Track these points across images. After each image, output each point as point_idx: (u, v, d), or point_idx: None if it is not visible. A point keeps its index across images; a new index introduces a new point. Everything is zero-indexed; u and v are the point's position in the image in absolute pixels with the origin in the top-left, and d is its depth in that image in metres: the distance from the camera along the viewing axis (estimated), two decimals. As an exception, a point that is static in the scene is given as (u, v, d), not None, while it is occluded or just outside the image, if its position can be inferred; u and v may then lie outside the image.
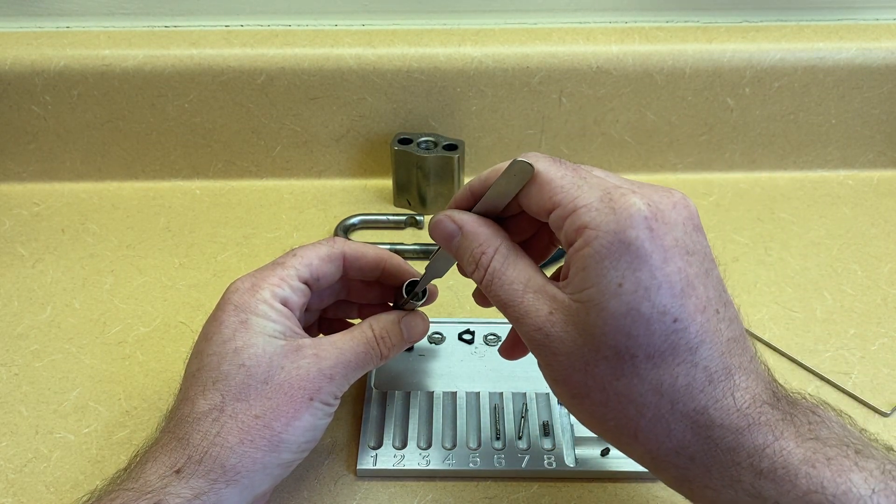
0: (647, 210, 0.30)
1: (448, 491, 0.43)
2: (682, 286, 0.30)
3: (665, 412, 0.30)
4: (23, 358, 0.51)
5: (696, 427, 0.30)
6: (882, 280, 0.58)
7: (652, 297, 0.29)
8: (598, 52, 0.64)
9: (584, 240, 0.30)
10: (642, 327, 0.29)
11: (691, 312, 0.29)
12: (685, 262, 0.30)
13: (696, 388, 0.30)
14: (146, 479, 0.34)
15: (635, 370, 0.30)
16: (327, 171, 0.70)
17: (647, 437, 0.31)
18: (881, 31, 0.67)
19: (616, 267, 0.29)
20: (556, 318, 0.31)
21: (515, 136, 0.68)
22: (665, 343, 0.29)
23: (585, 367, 0.31)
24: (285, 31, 0.66)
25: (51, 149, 0.67)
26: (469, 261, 0.35)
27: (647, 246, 0.29)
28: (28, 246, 0.61)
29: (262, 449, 0.35)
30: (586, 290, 0.30)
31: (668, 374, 0.30)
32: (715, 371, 0.30)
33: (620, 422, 0.31)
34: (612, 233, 0.30)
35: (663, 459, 0.31)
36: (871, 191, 0.69)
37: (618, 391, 0.30)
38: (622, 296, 0.29)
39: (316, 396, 0.36)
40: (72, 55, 0.63)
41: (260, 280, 0.39)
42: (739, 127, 0.68)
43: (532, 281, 0.33)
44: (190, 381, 0.37)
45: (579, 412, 0.33)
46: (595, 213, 0.30)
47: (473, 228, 0.35)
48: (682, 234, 0.30)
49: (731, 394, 0.30)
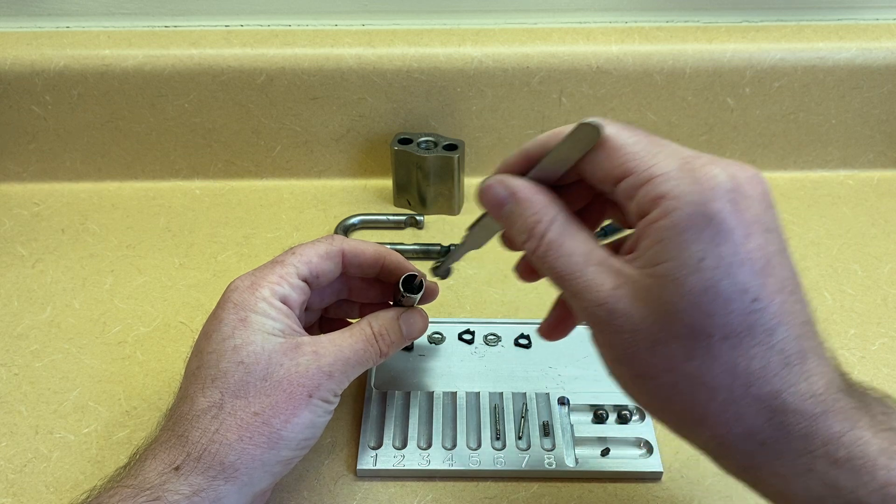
0: (729, 182, 0.28)
1: (448, 491, 0.43)
2: (763, 264, 0.28)
3: (738, 395, 0.28)
4: (23, 358, 0.51)
5: (768, 412, 0.28)
6: (882, 280, 0.58)
7: (733, 275, 0.27)
8: (598, 52, 0.64)
9: (661, 210, 0.28)
10: (721, 306, 0.28)
11: (771, 292, 0.28)
12: (765, 240, 0.28)
13: (771, 372, 0.28)
14: (145, 475, 0.34)
15: (709, 350, 0.28)
16: (327, 171, 0.70)
17: (715, 422, 0.29)
18: (881, 31, 0.67)
19: (698, 241, 0.28)
20: (623, 293, 0.29)
21: (515, 136, 0.68)
22: (743, 323, 0.28)
23: (654, 347, 0.29)
24: (285, 31, 0.66)
25: (51, 149, 0.67)
26: (521, 229, 0.32)
27: (730, 220, 0.28)
28: (28, 246, 0.61)
29: (260, 446, 0.35)
30: (662, 263, 0.28)
31: (743, 355, 0.28)
32: (790, 354, 0.28)
33: (687, 405, 0.30)
34: (695, 204, 0.28)
35: (730, 445, 0.30)
36: (871, 191, 0.69)
37: (688, 373, 0.29)
38: (703, 272, 0.27)
39: (315, 394, 0.36)
40: (72, 55, 0.63)
41: (259, 278, 0.39)
42: (739, 127, 0.68)
43: (594, 253, 0.31)
44: (190, 379, 0.37)
45: (641, 394, 0.31)
46: (675, 182, 0.28)
47: (528, 195, 0.33)
48: (760, 209, 0.29)
49: (805, 379, 0.28)
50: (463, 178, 0.65)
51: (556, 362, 0.50)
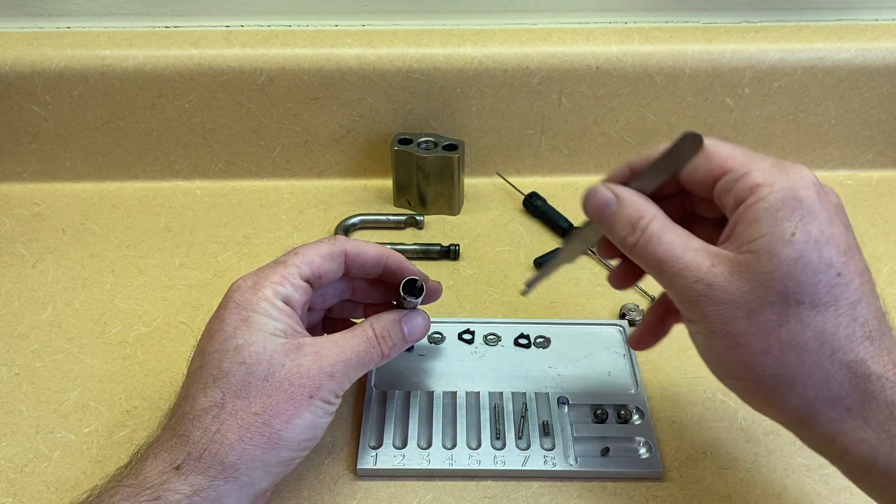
0: (813, 178, 0.33)
1: (448, 491, 0.43)
2: (845, 247, 0.32)
3: (825, 360, 0.31)
4: (23, 358, 0.51)
5: (854, 377, 0.31)
6: (882, 280, 0.58)
7: (821, 249, 0.31)
8: (598, 53, 0.65)
9: (757, 195, 0.32)
10: (810, 275, 0.31)
11: (852, 272, 0.32)
12: (845, 229, 0.33)
13: (856, 340, 0.31)
14: (146, 475, 0.34)
15: (799, 316, 0.31)
16: (327, 171, 0.70)
17: (804, 385, 0.32)
18: (881, 31, 0.67)
19: (790, 218, 0.32)
20: (720, 270, 0.33)
21: (515, 136, 0.68)
22: (829, 294, 0.31)
23: (749, 315, 0.32)
24: (285, 31, 0.66)
25: (51, 149, 0.67)
26: (625, 225, 0.36)
27: (817, 205, 0.32)
28: (28, 246, 0.61)
29: (261, 446, 0.35)
30: (758, 238, 0.32)
31: (831, 322, 0.31)
32: (871, 329, 0.32)
33: (779, 370, 0.32)
34: (787, 189, 0.32)
35: (818, 411, 0.32)
36: (871, 191, 0.69)
37: (780, 337, 0.32)
38: (794, 244, 0.31)
39: (316, 394, 0.36)
40: (72, 55, 0.63)
41: (262, 278, 0.39)
42: (739, 127, 0.68)
43: (691, 241, 0.35)
44: (191, 379, 0.37)
45: (735, 363, 0.34)
46: (769, 173, 0.33)
47: (631, 197, 0.36)
48: (837, 208, 0.33)
49: (887, 352, 0.32)
50: (463, 178, 0.65)
51: (556, 362, 0.50)
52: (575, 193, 0.68)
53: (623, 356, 0.50)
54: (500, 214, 0.66)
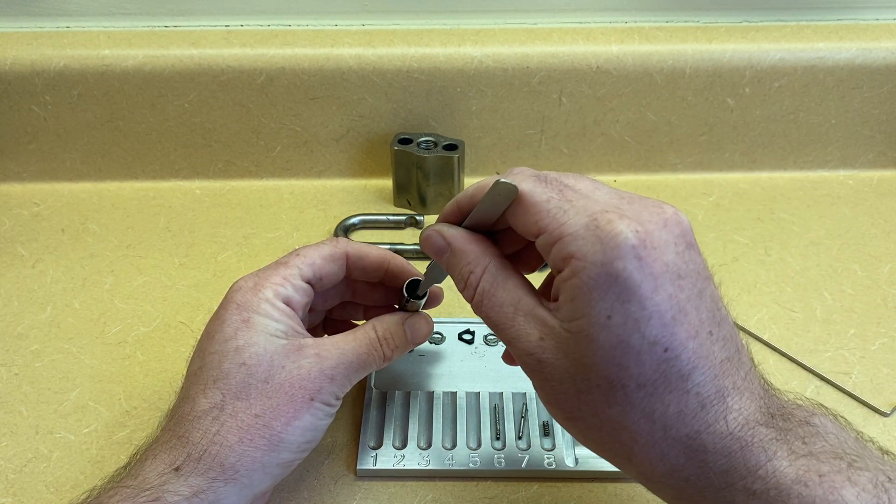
0: (634, 238, 0.29)
1: (448, 491, 0.43)
2: (673, 314, 0.29)
3: (658, 438, 0.30)
4: (23, 358, 0.51)
5: (689, 452, 0.30)
6: (882, 280, 0.58)
7: (642, 329, 0.29)
8: (598, 52, 0.64)
9: (571, 270, 0.30)
10: (632, 358, 0.29)
11: (682, 340, 0.29)
12: (676, 288, 0.29)
13: (688, 415, 0.30)
14: (145, 476, 0.34)
15: (627, 398, 0.30)
16: (327, 171, 0.70)
17: (640, 461, 0.31)
18: (881, 31, 0.67)
19: (604, 299, 0.29)
20: (547, 345, 0.31)
21: (515, 136, 0.68)
22: (656, 373, 0.29)
23: (578, 394, 0.31)
24: (285, 31, 0.66)
25: (51, 149, 0.67)
26: (459, 278, 0.35)
27: (636, 276, 0.29)
28: (28, 246, 0.61)
29: (261, 448, 0.35)
30: (576, 320, 0.30)
31: (659, 402, 0.29)
32: (707, 396, 0.30)
33: (614, 446, 0.31)
34: (600, 264, 0.29)
35: (658, 481, 0.31)
36: (871, 191, 0.69)
37: (610, 418, 0.30)
38: (611, 328, 0.29)
39: (317, 396, 0.36)
40: (72, 55, 0.63)
41: (263, 279, 0.39)
42: (739, 127, 0.68)
43: (522, 303, 0.33)
44: (191, 380, 0.37)
45: (575, 433, 0.33)
46: (581, 242, 0.29)
47: (462, 245, 0.35)
48: (672, 256, 0.29)
49: (723, 417, 0.30)
50: (463, 178, 0.65)
51: (556, 362, 0.50)
52: (575, 193, 0.68)
53: (623, 356, 0.50)
54: (500, 214, 0.66)
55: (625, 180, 0.70)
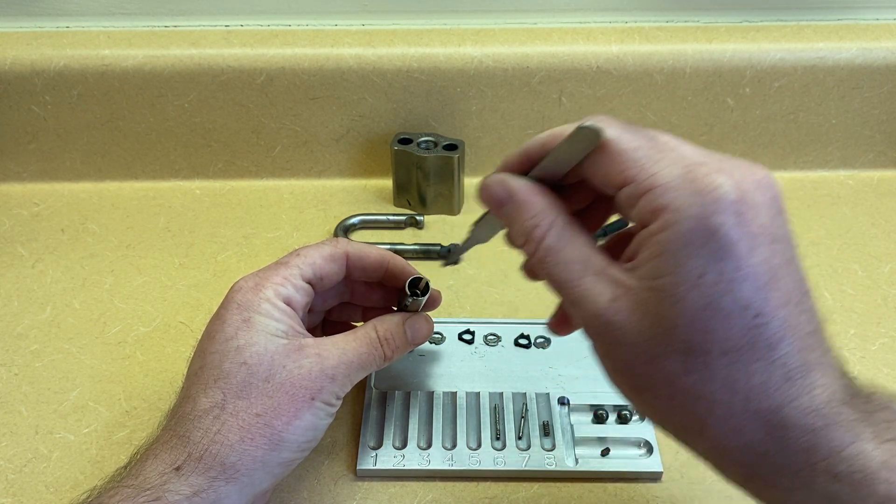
0: (734, 193, 0.27)
1: (448, 491, 0.43)
2: (767, 278, 0.27)
3: (737, 410, 0.28)
4: (23, 358, 0.51)
5: (769, 426, 0.28)
6: (882, 280, 0.58)
7: (735, 291, 0.27)
8: (598, 52, 0.64)
9: (662, 223, 0.27)
10: (721, 322, 0.27)
11: (774, 307, 0.27)
12: (771, 252, 0.28)
13: (771, 387, 0.28)
14: (146, 475, 0.34)
15: (707, 366, 0.28)
16: (327, 171, 0.70)
17: (714, 435, 0.29)
18: (881, 31, 0.67)
19: (698, 255, 0.27)
20: (621, 306, 0.29)
21: (515, 136, 0.68)
22: (743, 339, 0.27)
23: (652, 360, 0.28)
24: (285, 31, 0.66)
25: (51, 149, 0.67)
26: (520, 233, 0.32)
27: (734, 234, 0.27)
28: (28, 246, 0.61)
29: (262, 447, 0.35)
30: (661, 278, 0.28)
31: (743, 371, 0.27)
32: (793, 368, 0.28)
33: (686, 418, 0.29)
34: (696, 218, 0.27)
35: (730, 456, 0.29)
36: (871, 191, 0.69)
37: (686, 387, 0.28)
38: (703, 287, 0.27)
39: (317, 396, 0.36)
40: (72, 55, 0.63)
41: (263, 279, 0.39)
42: (739, 127, 0.68)
43: (591, 261, 0.30)
44: (192, 379, 0.37)
45: (641, 404, 0.31)
46: (676, 193, 0.27)
47: (526, 197, 0.32)
48: (767, 218, 0.28)
49: (808, 392, 0.28)
50: (463, 178, 0.65)
51: (556, 362, 0.50)
52: (575, 193, 0.68)
53: (623, 356, 0.50)
54: (500, 214, 0.66)
55: (625, 180, 0.70)
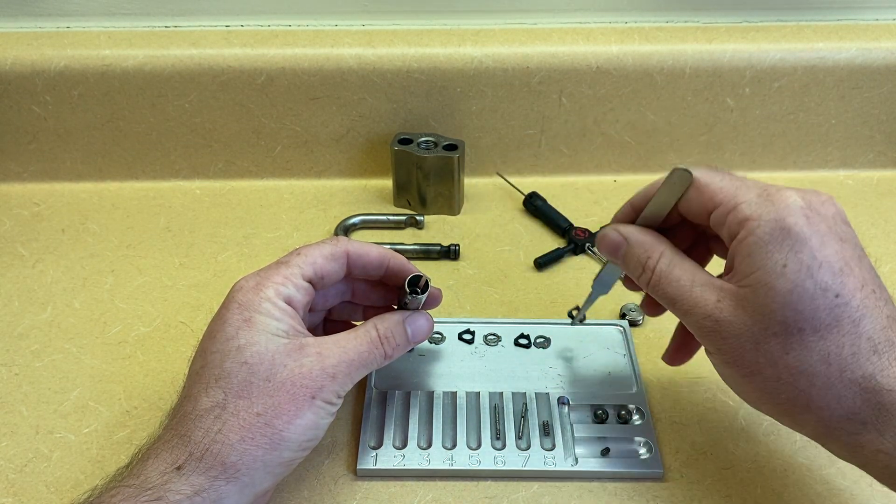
0: (801, 201, 0.34)
1: (448, 491, 0.43)
2: (841, 266, 0.33)
3: (834, 380, 0.33)
4: (23, 358, 0.51)
5: (865, 393, 0.32)
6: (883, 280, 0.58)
7: (814, 275, 0.32)
8: (598, 52, 0.64)
9: (747, 230, 0.34)
10: (807, 302, 0.32)
11: (851, 289, 0.33)
12: (840, 246, 0.33)
13: (862, 357, 0.32)
14: (147, 475, 0.34)
15: (803, 343, 0.33)
16: (327, 171, 0.70)
17: (819, 406, 0.33)
18: (881, 31, 0.67)
19: (779, 250, 0.33)
20: (725, 305, 0.35)
21: (515, 136, 0.68)
22: (829, 316, 0.32)
23: (756, 346, 0.34)
24: (285, 31, 0.66)
25: (51, 149, 0.67)
26: (636, 266, 0.39)
27: (806, 230, 0.33)
28: (28, 246, 0.61)
29: (262, 447, 0.35)
30: (753, 273, 0.33)
31: (834, 344, 0.33)
32: (879, 342, 0.33)
33: (792, 394, 0.34)
34: (773, 220, 0.33)
35: (835, 427, 0.34)
36: (871, 191, 0.69)
37: (788, 364, 0.33)
38: (787, 275, 0.32)
39: (318, 395, 0.36)
40: (72, 55, 0.63)
41: (264, 279, 0.39)
42: (739, 127, 0.68)
43: (697, 276, 0.36)
44: (193, 379, 0.37)
45: (751, 391, 0.36)
46: (755, 205, 0.34)
47: (638, 237, 0.39)
48: (833, 224, 0.34)
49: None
50: (463, 178, 0.65)
51: (556, 362, 0.50)
52: (575, 193, 0.68)
53: (623, 356, 0.50)
54: (501, 214, 0.66)
55: (625, 180, 0.70)
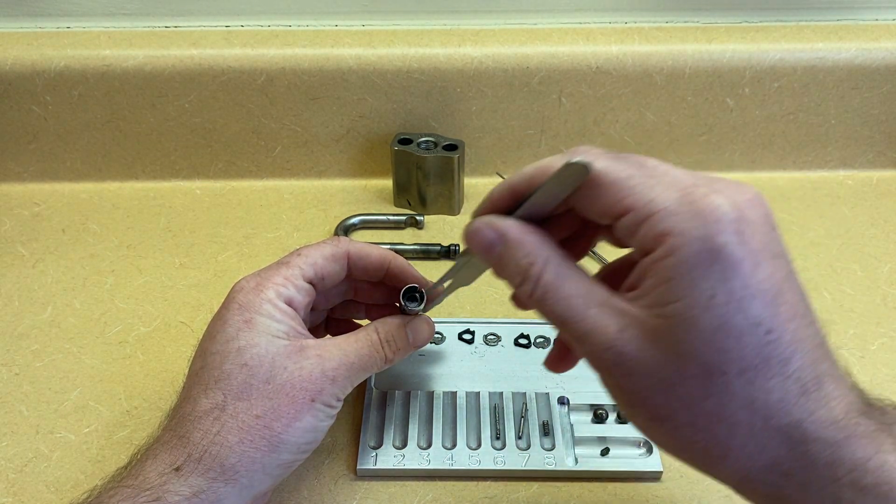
0: (732, 212, 0.27)
1: (448, 491, 0.43)
2: (774, 293, 0.27)
3: (758, 429, 0.28)
4: (23, 358, 0.51)
5: (791, 442, 0.28)
6: (882, 280, 0.58)
7: (745, 309, 0.27)
8: (598, 52, 0.65)
9: (666, 248, 0.27)
10: (735, 341, 0.27)
11: (783, 321, 0.27)
12: (773, 267, 0.27)
13: (790, 402, 0.27)
14: (146, 476, 0.34)
15: (726, 387, 0.27)
16: (327, 171, 0.70)
17: (737, 457, 0.28)
18: (881, 31, 0.67)
19: (707, 277, 0.27)
20: (630, 336, 0.28)
21: (515, 136, 0.68)
22: (758, 356, 0.27)
23: (669, 388, 0.28)
24: (285, 31, 0.66)
25: (51, 149, 0.67)
26: (515, 273, 0.31)
27: (738, 252, 0.27)
28: (28, 246, 0.61)
29: (261, 449, 0.35)
30: (672, 304, 0.27)
31: (760, 388, 0.27)
32: (808, 381, 0.28)
33: (709, 443, 0.29)
34: (700, 239, 0.27)
35: (755, 478, 0.29)
36: (870, 191, 0.69)
37: (706, 410, 0.28)
38: (715, 308, 0.27)
39: (318, 398, 0.36)
40: (72, 55, 0.63)
41: (265, 280, 0.39)
42: (739, 127, 0.68)
43: (593, 294, 0.30)
44: (193, 380, 0.37)
45: (660, 435, 0.30)
46: (677, 217, 0.27)
47: (518, 237, 0.31)
48: (765, 235, 0.28)
49: (825, 405, 0.28)
50: (463, 178, 0.65)
51: (556, 362, 0.50)
52: (575, 193, 0.68)
53: (623, 356, 0.50)
54: (500, 214, 0.66)
55: (625, 180, 0.70)
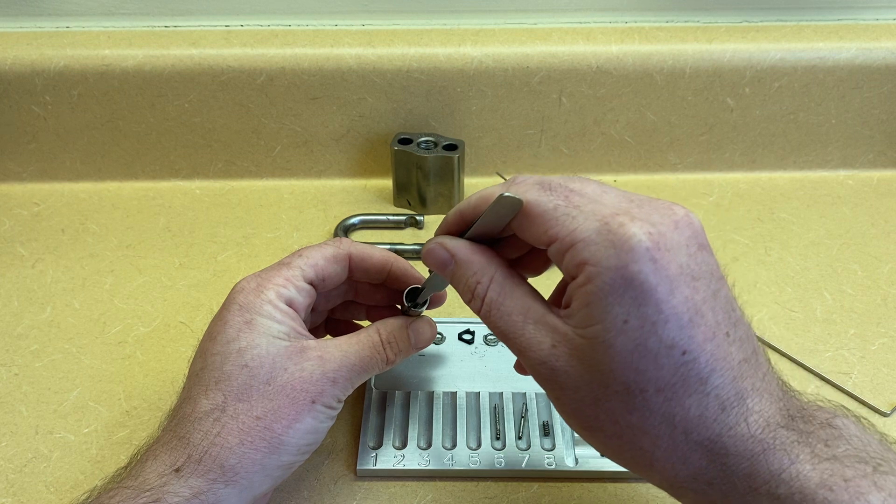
0: (647, 240, 0.29)
1: (448, 491, 0.43)
2: (690, 316, 0.29)
3: (679, 442, 0.30)
4: (23, 358, 0.51)
5: (711, 455, 0.30)
6: (882, 280, 0.58)
7: (659, 332, 0.28)
8: (598, 52, 0.64)
9: (585, 276, 0.29)
10: (650, 363, 0.29)
11: (700, 342, 0.29)
12: (691, 290, 0.29)
13: (708, 418, 0.29)
14: (145, 477, 0.34)
15: (646, 404, 0.29)
16: (327, 171, 0.70)
17: (663, 466, 0.31)
18: (881, 31, 0.67)
19: (620, 303, 0.29)
20: (560, 352, 0.31)
21: (515, 136, 0.68)
22: (675, 376, 0.29)
23: (595, 402, 0.30)
24: (285, 31, 0.66)
25: (51, 149, 0.67)
26: (465, 290, 0.34)
27: (652, 279, 0.28)
28: (28, 246, 0.61)
29: (261, 450, 0.35)
30: (591, 326, 0.30)
31: (679, 406, 0.29)
32: (727, 398, 0.29)
33: (636, 453, 0.31)
34: (614, 269, 0.29)
35: (681, 486, 0.31)
36: (871, 191, 0.69)
37: (630, 424, 0.30)
38: (628, 332, 0.29)
39: (318, 399, 0.36)
40: (72, 55, 0.63)
41: (265, 280, 0.39)
42: (739, 127, 0.68)
43: (531, 311, 0.32)
44: (193, 381, 0.37)
45: (594, 443, 0.32)
46: (594, 247, 0.29)
47: (466, 257, 0.34)
48: (686, 258, 0.29)
49: (744, 420, 0.29)
50: (463, 178, 0.65)
51: (556, 362, 0.50)
52: (575, 193, 0.68)
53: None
54: (500, 214, 0.66)
55: (625, 180, 0.70)
